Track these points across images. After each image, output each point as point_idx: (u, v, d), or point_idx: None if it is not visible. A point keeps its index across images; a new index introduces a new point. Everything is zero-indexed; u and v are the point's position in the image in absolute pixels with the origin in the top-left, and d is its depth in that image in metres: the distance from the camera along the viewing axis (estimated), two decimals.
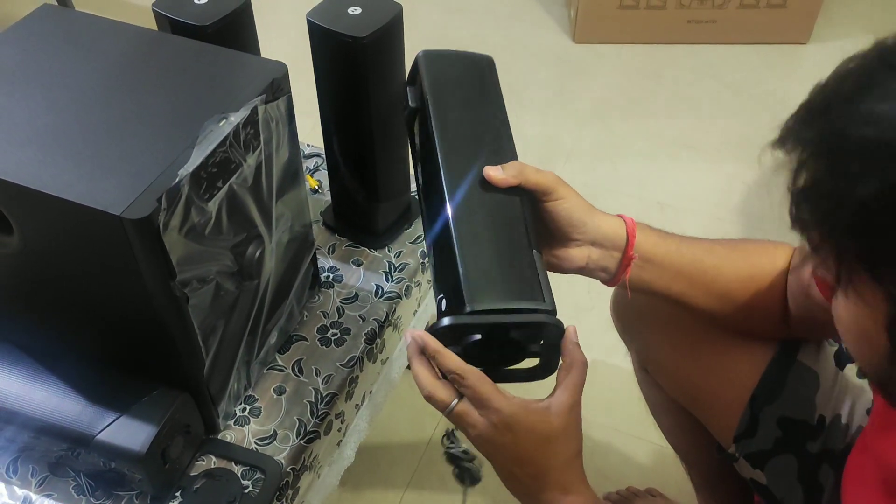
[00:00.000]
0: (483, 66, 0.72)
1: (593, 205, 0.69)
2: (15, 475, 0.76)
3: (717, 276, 0.72)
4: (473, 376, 0.57)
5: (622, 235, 0.68)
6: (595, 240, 0.67)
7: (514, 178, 0.64)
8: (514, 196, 0.64)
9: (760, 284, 0.72)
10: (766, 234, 1.69)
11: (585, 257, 0.68)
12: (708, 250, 0.73)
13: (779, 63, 2.04)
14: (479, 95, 0.70)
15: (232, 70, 0.71)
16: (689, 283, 0.71)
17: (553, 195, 0.65)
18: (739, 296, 0.73)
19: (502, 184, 0.63)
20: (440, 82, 0.69)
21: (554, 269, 0.69)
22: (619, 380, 1.32)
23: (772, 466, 0.74)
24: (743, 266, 0.73)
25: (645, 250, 0.69)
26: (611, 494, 1.15)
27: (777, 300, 0.73)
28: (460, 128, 0.67)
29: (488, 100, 0.70)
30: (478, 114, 0.68)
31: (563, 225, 0.66)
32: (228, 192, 0.67)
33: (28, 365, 0.73)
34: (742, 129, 1.86)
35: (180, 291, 0.65)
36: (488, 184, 0.64)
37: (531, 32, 2.16)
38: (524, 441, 0.58)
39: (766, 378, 0.74)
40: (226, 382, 0.78)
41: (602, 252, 0.68)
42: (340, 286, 0.95)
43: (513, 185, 0.64)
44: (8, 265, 0.69)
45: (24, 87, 0.68)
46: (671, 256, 0.70)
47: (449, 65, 0.71)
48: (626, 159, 1.79)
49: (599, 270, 0.69)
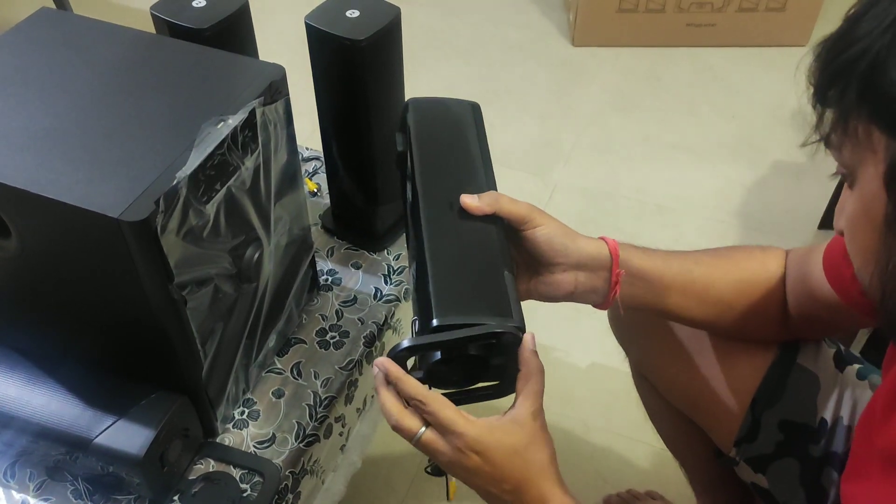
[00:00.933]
0: (468, 112, 0.76)
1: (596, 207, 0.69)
2: (13, 479, 0.76)
3: (709, 284, 0.72)
4: (435, 402, 0.58)
5: (606, 255, 0.69)
6: (580, 262, 0.69)
7: (488, 206, 0.66)
8: (489, 223, 0.67)
9: (753, 289, 0.73)
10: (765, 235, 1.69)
11: (573, 281, 0.69)
12: (695, 261, 0.73)
13: (778, 65, 2.04)
14: (462, 140, 0.74)
15: (230, 73, 0.71)
16: (681, 294, 0.72)
17: (530, 223, 0.67)
18: (734, 302, 0.73)
19: (477, 211, 0.66)
20: (425, 128, 0.74)
21: (545, 298, 0.71)
22: (617, 383, 1.32)
23: (774, 470, 0.73)
24: (733, 272, 0.73)
25: (631, 266, 0.70)
26: (611, 497, 1.15)
27: (772, 303, 0.73)
28: (441, 167, 0.71)
29: (471, 143, 0.74)
30: (460, 156, 0.72)
31: (545, 251, 0.68)
32: (226, 194, 0.67)
33: (26, 368, 0.72)
34: (741, 131, 1.86)
35: (178, 294, 0.64)
36: (466, 213, 0.66)
37: (530, 36, 2.17)
38: (493, 459, 0.58)
39: (766, 382, 0.74)
40: (224, 385, 0.77)
41: (589, 274, 0.69)
42: (339, 289, 0.95)
43: (488, 214, 0.66)
44: (6, 269, 0.69)
45: (22, 90, 0.68)
46: (659, 269, 0.71)
47: (435, 112, 0.76)
48: (625, 162, 1.79)
49: (589, 293, 0.70)
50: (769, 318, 0.73)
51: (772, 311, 0.73)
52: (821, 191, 1.62)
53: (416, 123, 0.74)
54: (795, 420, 0.73)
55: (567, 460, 1.24)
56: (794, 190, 1.72)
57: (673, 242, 1.59)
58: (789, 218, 1.65)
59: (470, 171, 0.71)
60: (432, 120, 0.75)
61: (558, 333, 1.40)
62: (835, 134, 0.49)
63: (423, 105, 0.76)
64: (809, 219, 1.63)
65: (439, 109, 0.76)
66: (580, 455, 1.24)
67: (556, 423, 1.27)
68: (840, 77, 0.46)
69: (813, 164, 1.77)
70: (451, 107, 0.76)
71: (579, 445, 1.25)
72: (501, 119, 1.89)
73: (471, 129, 0.75)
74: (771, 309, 0.73)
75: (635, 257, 0.70)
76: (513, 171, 1.75)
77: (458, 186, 0.68)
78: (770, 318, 0.73)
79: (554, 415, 1.28)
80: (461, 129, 0.74)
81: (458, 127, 0.74)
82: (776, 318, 0.73)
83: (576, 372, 1.36)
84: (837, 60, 0.46)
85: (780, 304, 0.73)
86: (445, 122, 0.75)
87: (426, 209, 0.67)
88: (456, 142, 0.73)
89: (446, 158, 0.71)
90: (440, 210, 0.67)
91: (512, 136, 1.84)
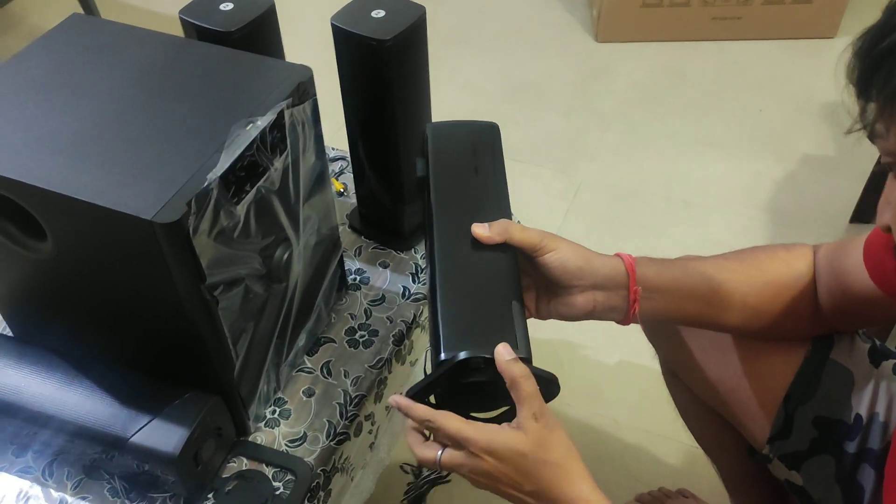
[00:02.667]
0: (486, 135, 0.77)
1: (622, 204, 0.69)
2: (51, 478, 0.77)
3: (732, 290, 0.72)
4: (441, 418, 0.60)
5: (622, 273, 0.69)
6: (596, 283, 0.69)
7: (498, 235, 0.67)
8: (499, 252, 0.67)
9: (780, 291, 0.72)
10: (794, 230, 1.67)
11: (591, 301, 0.69)
12: (716, 267, 0.73)
13: (806, 58, 2.02)
14: (478, 164, 0.75)
15: (258, 74, 0.72)
16: (703, 303, 0.72)
17: (542, 249, 0.67)
18: (760, 306, 0.72)
19: (488, 241, 0.67)
20: (443, 153, 0.75)
21: (565, 318, 0.71)
22: (647, 380, 1.31)
23: (808, 467, 0.72)
24: (757, 276, 0.72)
25: (649, 281, 0.69)
26: (642, 496, 1.14)
27: (801, 302, 0.72)
28: (456, 194, 0.72)
29: (487, 167, 0.75)
30: (475, 181, 0.73)
31: (560, 275, 0.68)
32: (256, 195, 0.68)
33: (63, 369, 0.74)
34: (769, 125, 1.84)
35: (210, 295, 0.65)
36: (478, 242, 0.67)
37: (553, 33, 2.16)
38: (507, 461, 0.59)
39: (799, 378, 0.73)
40: (255, 385, 0.78)
41: (607, 294, 0.69)
42: (367, 288, 0.95)
43: (499, 243, 0.67)
44: (42, 271, 0.70)
45: (54, 95, 0.69)
46: (678, 281, 0.71)
47: (453, 136, 0.77)
48: (651, 158, 1.78)
49: (609, 312, 0.70)
50: (799, 316, 0.72)
51: (801, 310, 0.72)
52: (852, 184, 1.59)
53: (434, 149, 0.75)
54: (830, 416, 0.72)
55: (597, 458, 1.24)
56: (825, 184, 1.69)
57: (700, 239, 1.57)
58: (819, 212, 1.63)
59: (484, 197, 0.72)
60: (449, 146, 0.76)
61: (586, 331, 1.38)
62: (879, 123, 0.48)
63: (442, 130, 0.78)
64: (840, 213, 1.61)
65: (457, 135, 0.77)
66: (611, 453, 1.23)
67: (585, 421, 1.27)
68: (884, 64, 0.46)
69: (843, 157, 1.74)
70: (470, 131, 0.78)
71: (610, 443, 1.24)
72: (525, 116, 1.89)
73: (487, 154, 0.76)
74: (800, 308, 0.72)
75: (652, 271, 0.70)
76: (538, 168, 1.75)
77: (471, 214, 0.69)
78: (800, 317, 0.72)
79: (583, 412, 1.29)
80: (478, 155, 0.75)
81: (475, 153, 0.76)
82: (806, 316, 0.72)
83: (604, 369, 1.35)
84: (880, 47, 0.46)
85: (809, 301, 0.72)
86: (462, 149, 0.76)
87: (439, 239, 0.68)
88: (472, 168, 0.74)
89: (461, 185, 0.73)
90: (452, 240, 0.68)
91: (536, 133, 1.84)
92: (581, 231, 1.57)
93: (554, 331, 0.64)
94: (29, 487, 0.76)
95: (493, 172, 0.74)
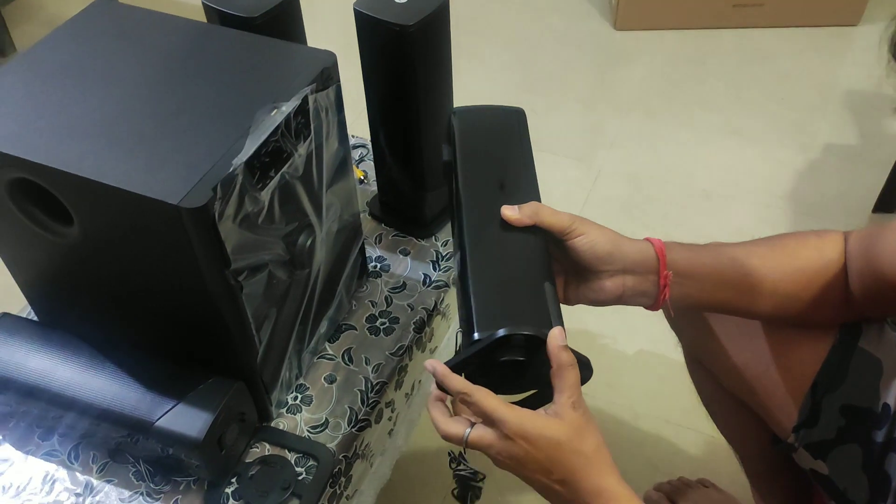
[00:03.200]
0: (513, 119, 0.77)
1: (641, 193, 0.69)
2: (76, 461, 0.78)
3: (762, 277, 0.71)
4: (478, 392, 0.59)
5: (652, 257, 0.68)
6: (626, 268, 0.68)
7: (529, 217, 0.66)
8: (530, 234, 0.67)
9: (811, 278, 0.71)
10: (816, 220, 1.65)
11: (621, 286, 0.69)
12: (747, 253, 0.72)
13: (828, 46, 1.99)
14: (505, 148, 0.74)
15: (282, 60, 0.72)
16: (734, 289, 0.71)
17: (573, 233, 0.67)
18: (790, 293, 0.71)
19: (517, 223, 0.66)
20: (469, 139, 0.75)
21: (593, 303, 0.70)
22: (665, 369, 1.31)
23: (835, 456, 0.72)
24: (788, 262, 0.71)
25: (680, 266, 0.69)
26: (662, 485, 1.14)
27: (832, 289, 0.71)
28: (484, 178, 0.71)
29: (514, 152, 0.74)
30: (503, 165, 0.73)
31: (589, 259, 0.67)
32: (280, 181, 0.68)
33: (87, 353, 0.74)
34: (791, 114, 1.82)
35: (234, 280, 0.65)
36: (508, 225, 0.67)
37: (572, 20, 2.14)
38: (540, 447, 0.58)
39: (826, 365, 0.73)
40: (278, 371, 0.78)
41: (636, 278, 0.69)
42: (388, 275, 0.95)
43: (528, 225, 0.66)
44: (68, 255, 0.71)
45: (80, 80, 0.69)
46: (708, 267, 0.70)
47: (479, 121, 0.76)
48: (671, 147, 1.76)
49: (639, 296, 0.70)
50: (829, 303, 0.71)
51: (831, 297, 0.71)
52: (875, 173, 1.58)
53: (460, 134, 0.75)
54: (858, 405, 0.71)
55: (616, 448, 1.22)
56: (847, 173, 1.67)
57: (720, 229, 1.56)
58: (842, 202, 1.61)
59: (513, 181, 0.71)
60: (476, 130, 0.76)
61: (605, 320, 1.39)
62: None
63: (468, 115, 0.77)
64: (863, 202, 1.59)
65: (484, 119, 0.77)
66: (630, 442, 1.23)
67: (604, 410, 1.27)
68: None
69: (866, 146, 1.72)
70: (496, 115, 0.77)
71: (629, 433, 1.24)
72: (544, 105, 1.88)
73: (515, 138, 0.75)
74: (830, 295, 0.71)
75: (682, 257, 0.69)
76: (556, 156, 1.74)
77: (500, 198, 0.69)
78: (830, 304, 0.71)
79: (602, 402, 1.29)
80: (505, 139, 0.75)
81: (502, 137, 0.75)
82: (836, 303, 0.71)
83: (623, 359, 1.35)
84: None
85: (840, 288, 0.71)
86: (489, 132, 0.76)
87: (468, 222, 0.68)
88: (499, 152, 0.74)
89: (489, 169, 0.72)
90: (482, 222, 0.68)
91: (555, 122, 1.83)
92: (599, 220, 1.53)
93: (573, 320, 0.63)
94: (55, 470, 0.77)
95: (520, 157, 0.74)
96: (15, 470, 0.77)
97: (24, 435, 0.80)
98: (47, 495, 0.75)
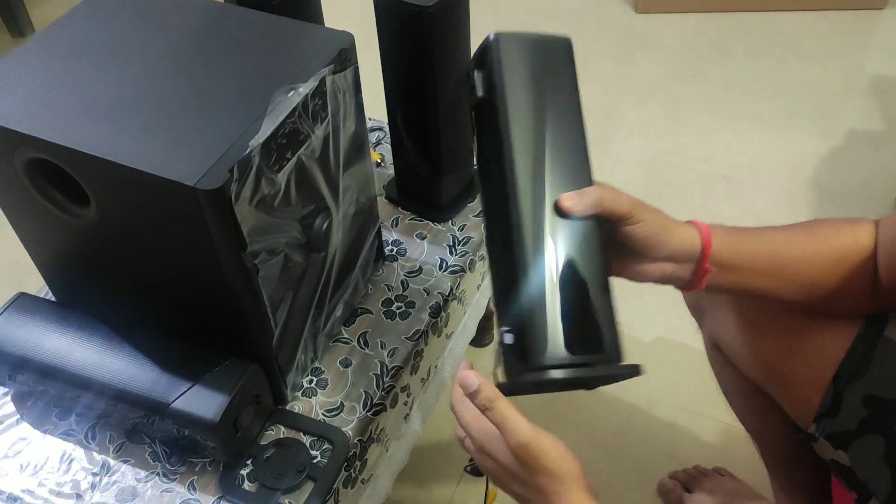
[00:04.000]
0: (560, 52, 0.65)
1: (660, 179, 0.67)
2: (93, 441, 0.78)
3: (800, 268, 0.70)
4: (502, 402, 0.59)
5: (697, 248, 0.67)
6: (671, 255, 0.67)
7: (591, 208, 0.61)
8: (589, 226, 0.62)
9: (847, 267, 0.70)
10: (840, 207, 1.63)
11: (660, 271, 0.68)
12: (787, 242, 0.71)
13: (854, 30, 1.95)
14: (556, 93, 0.63)
15: (300, 41, 0.71)
16: (769, 277, 0.70)
17: (631, 220, 0.64)
18: (823, 281, 0.70)
19: (580, 214, 0.61)
20: (514, 74, 0.62)
21: (629, 279, 0.69)
22: (683, 357, 1.30)
23: (856, 447, 0.71)
24: (826, 252, 0.70)
25: (722, 258, 0.68)
26: (678, 473, 1.13)
27: (863, 278, 0.70)
28: (535, 135, 0.62)
29: (566, 98, 0.64)
30: (554, 117, 0.63)
31: (640, 246, 0.66)
32: (297, 163, 0.67)
33: (104, 334, 0.74)
34: (814, 99, 1.79)
35: (251, 262, 0.65)
36: None
37: (592, 3, 2.11)
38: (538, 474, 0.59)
39: (850, 355, 0.71)
40: (294, 354, 0.78)
41: (677, 266, 0.68)
42: (404, 259, 0.95)
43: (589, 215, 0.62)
44: (85, 237, 0.71)
45: (96, 60, 0.69)
46: (748, 258, 0.69)
47: (524, 52, 0.63)
48: (691, 132, 1.74)
49: (674, 280, 0.69)
50: (858, 293, 0.70)
51: (861, 286, 0.70)
52: None
53: (504, 69, 0.62)
54: (881, 395, 0.70)
55: (632, 436, 1.23)
56: (871, 160, 1.64)
57: (740, 216, 1.54)
58: (866, 189, 1.58)
59: (569, 143, 0.63)
60: (523, 66, 0.63)
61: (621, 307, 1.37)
62: None
63: (512, 43, 0.63)
64: (887, 190, 1.56)
65: (531, 51, 0.64)
66: (645, 430, 1.22)
67: (620, 398, 1.26)
68: None
69: (892, 132, 1.69)
70: (545, 46, 0.65)
71: (644, 421, 1.23)
72: None
73: (566, 79, 0.64)
74: (860, 284, 0.70)
75: (727, 248, 0.68)
76: None
77: (557, 169, 0.61)
78: (859, 293, 0.70)
79: (618, 390, 1.28)
80: (556, 82, 0.64)
81: (553, 77, 0.64)
82: (865, 293, 0.70)
83: (639, 346, 1.34)
84: None
85: (870, 277, 0.69)
86: (538, 71, 0.63)
87: (523, 202, 0.60)
88: (551, 100, 0.63)
89: (542, 124, 0.62)
90: (538, 205, 0.60)
91: None
92: None
93: None
94: (72, 450, 0.78)
95: (573, 105, 0.64)
96: (33, 448, 0.78)
97: (41, 414, 0.80)
98: (64, 474, 0.76)
